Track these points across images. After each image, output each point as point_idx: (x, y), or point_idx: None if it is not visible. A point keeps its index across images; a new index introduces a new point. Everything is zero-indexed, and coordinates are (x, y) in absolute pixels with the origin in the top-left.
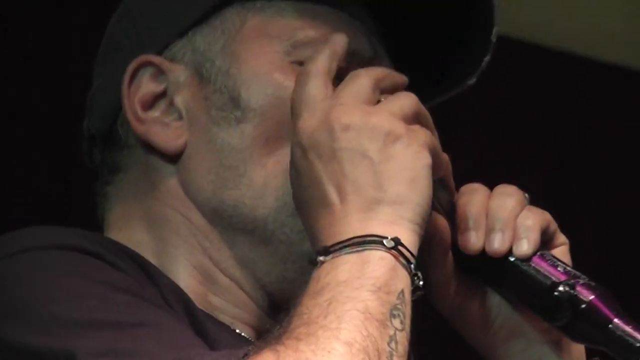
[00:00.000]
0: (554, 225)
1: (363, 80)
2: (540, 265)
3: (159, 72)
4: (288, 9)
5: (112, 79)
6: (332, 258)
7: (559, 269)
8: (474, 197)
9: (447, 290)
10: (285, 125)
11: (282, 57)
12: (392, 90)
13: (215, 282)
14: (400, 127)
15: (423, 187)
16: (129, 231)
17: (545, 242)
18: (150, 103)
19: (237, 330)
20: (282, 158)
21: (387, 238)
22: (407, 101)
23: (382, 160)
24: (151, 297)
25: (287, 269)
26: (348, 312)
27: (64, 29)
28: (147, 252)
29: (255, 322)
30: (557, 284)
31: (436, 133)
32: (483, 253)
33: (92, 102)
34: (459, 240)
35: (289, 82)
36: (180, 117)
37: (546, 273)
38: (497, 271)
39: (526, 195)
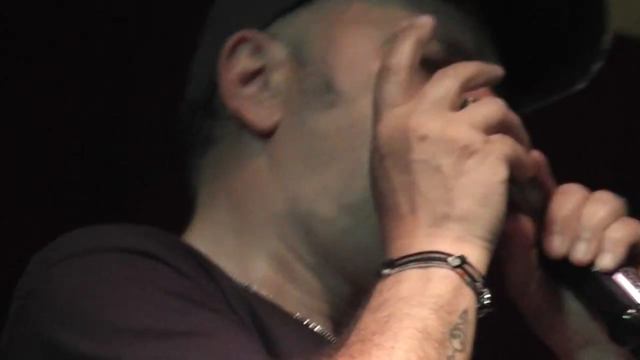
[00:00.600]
0: None
1: (449, 82)
2: (621, 282)
3: (258, 49)
4: None
5: (213, 50)
6: (397, 272)
7: (638, 290)
8: (567, 200)
9: (527, 288)
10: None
11: (380, 47)
12: (483, 86)
13: (292, 270)
14: (477, 140)
15: (495, 203)
16: (212, 210)
17: (636, 257)
18: (247, 79)
19: (312, 325)
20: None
21: (452, 256)
22: (491, 109)
23: (454, 175)
24: (213, 301)
25: (370, 260)
26: (405, 330)
27: None
28: (226, 235)
29: (334, 313)
30: (630, 307)
31: (525, 136)
32: (567, 258)
33: (193, 70)
34: (544, 242)
35: None
36: (274, 97)
37: (623, 292)
38: (578, 279)
39: (625, 204)
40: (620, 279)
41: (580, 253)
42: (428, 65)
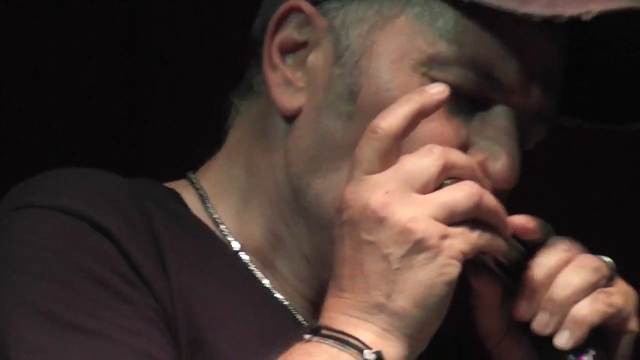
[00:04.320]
0: (626, 311)
1: (430, 162)
2: None
3: (307, 23)
4: (447, 15)
5: (273, 8)
6: (314, 341)
7: None
8: (546, 261)
9: (495, 337)
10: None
11: (414, 66)
12: (461, 177)
13: (284, 249)
14: (434, 235)
15: (432, 304)
16: (230, 161)
17: (611, 328)
18: (288, 49)
19: (290, 307)
20: None
21: (370, 349)
22: (463, 195)
23: (401, 268)
24: (134, 288)
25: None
26: None
27: None
28: (234, 190)
29: (315, 298)
30: None
31: (501, 218)
32: None
33: (262, 5)
34: (514, 302)
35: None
36: (304, 79)
37: None
38: (541, 345)
39: (610, 269)
40: (579, 358)
41: (541, 325)
42: (460, 96)
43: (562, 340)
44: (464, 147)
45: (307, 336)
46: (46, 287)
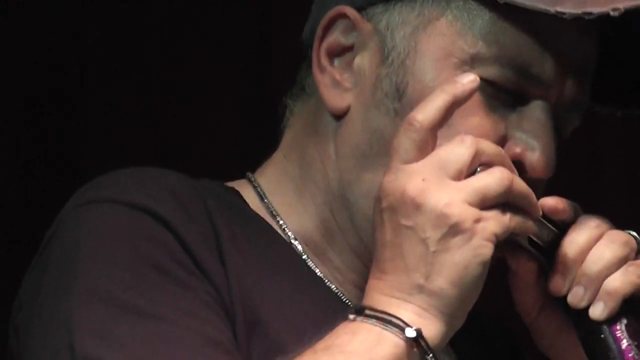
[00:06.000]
0: None
1: (463, 150)
2: (608, 333)
3: (352, 27)
4: (485, 17)
5: (321, 14)
6: (359, 321)
7: (623, 344)
8: (578, 238)
9: (531, 312)
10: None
11: (457, 65)
12: (492, 164)
13: (334, 240)
14: (468, 219)
15: (468, 284)
16: (286, 159)
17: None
18: (336, 53)
19: (341, 295)
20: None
21: (411, 327)
22: (494, 181)
23: (438, 250)
24: (194, 277)
25: None
26: None
27: None
28: (289, 186)
29: (364, 285)
30: None
31: (531, 200)
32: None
33: (312, 10)
34: (548, 279)
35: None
36: (351, 80)
37: (608, 344)
38: (575, 317)
39: (638, 243)
40: (611, 329)
41: (576, 298)
42: (500, 92)
43: (597, 311)
44: (503, 141)
45: (351, 316)
46: (110, 274)
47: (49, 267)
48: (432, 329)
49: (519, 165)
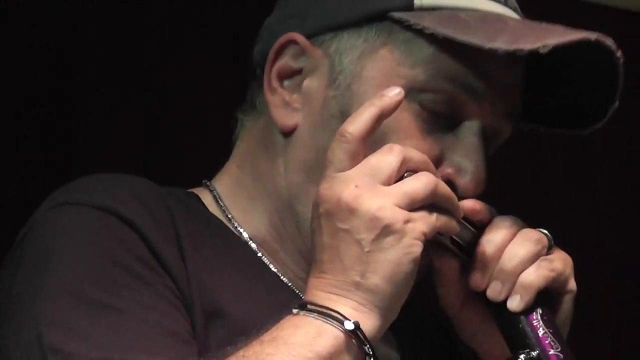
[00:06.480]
0: (565, 274)
1: (391, 158)
2: (526, 323)
3: (302, 53)
4: (424, 47)
5: (272, 39)
6: (302, 315)
7: (539, 332)
8: (495, 237)
9: (454, 306)
10: (374, 149)
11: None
12: (418, 169)
13: (285, 244)
14: (399, 220)
15: (401, 280)
16: (239, 168)
17: (554, 289)
18: (285, 76)
19: (294, 288)
20: None
21: (349, 320)
22: (420, 184)
23: (372, 250)
24: (156, 274)
25: None
26: None
27: None
28: (242, 192)
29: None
30: (522, 350)
31: (453, 203)
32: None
33: (261, 33)
34: (468, 276)
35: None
36: (300, 101)
37: (525, 333)
38: (493, 309)
39: (548, 240)
40: (528, 320)
41: (495, 292)
42: (435, 116)
43: (514, 303)
44: (439, 162)
45: (295, 310)
46: (77, 272)
47: (21, 265)
48: (369, 322)
49: (451, 186)
